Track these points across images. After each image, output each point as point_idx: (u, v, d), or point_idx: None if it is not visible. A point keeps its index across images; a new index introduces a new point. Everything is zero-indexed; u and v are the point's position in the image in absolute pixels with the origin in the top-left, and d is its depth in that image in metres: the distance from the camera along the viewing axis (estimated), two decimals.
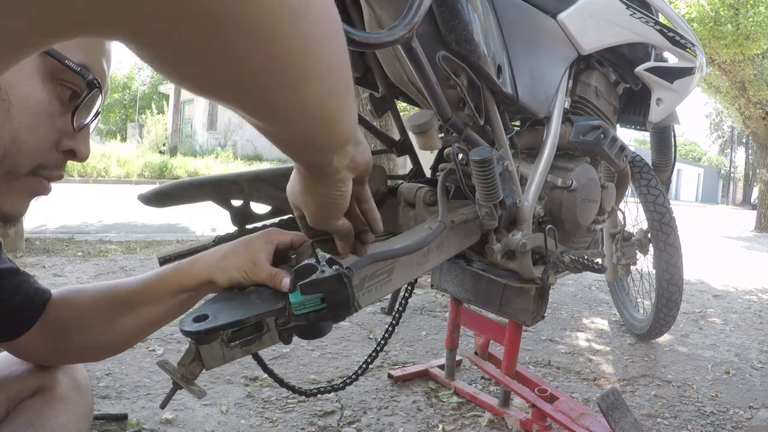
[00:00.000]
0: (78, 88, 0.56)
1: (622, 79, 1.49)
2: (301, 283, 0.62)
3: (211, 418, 1.45)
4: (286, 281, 0.64)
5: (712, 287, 3.76)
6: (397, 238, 0.92)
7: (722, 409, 1.72)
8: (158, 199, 1.01)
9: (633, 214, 2.33)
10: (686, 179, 36.82)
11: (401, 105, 1.55)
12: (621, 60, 1.44)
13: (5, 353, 0.75)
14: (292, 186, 0.57)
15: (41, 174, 0.57)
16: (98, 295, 0.73)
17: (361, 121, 1.44)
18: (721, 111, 12.58)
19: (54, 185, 0.61)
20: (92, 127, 0.61)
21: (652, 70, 1.44)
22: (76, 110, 0.56)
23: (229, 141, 18.01)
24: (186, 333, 0.59)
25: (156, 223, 5.65)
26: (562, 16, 1.26)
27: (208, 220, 5.47)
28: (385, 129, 2.67)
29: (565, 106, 1.34)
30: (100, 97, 0.59)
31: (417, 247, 0.86)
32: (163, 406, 0.69)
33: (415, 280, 1.41)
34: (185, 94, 18.04)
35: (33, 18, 0.24)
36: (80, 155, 0.59)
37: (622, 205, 1.81)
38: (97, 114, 0.60)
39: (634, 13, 1.37)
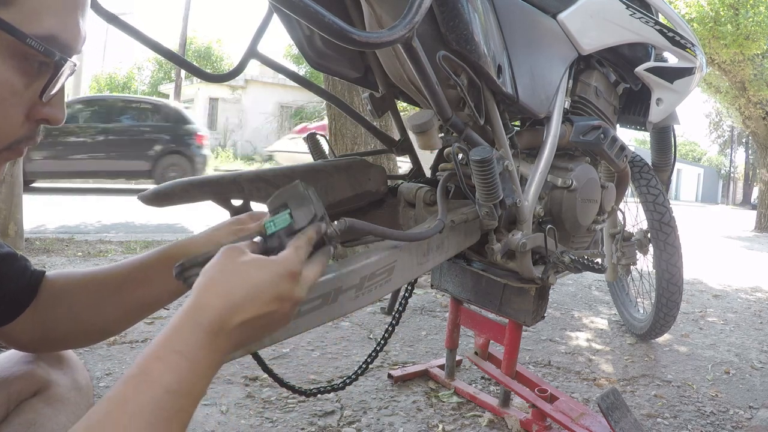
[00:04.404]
0: (46, 60, 0.51)
1: (622, 79, 1.49)
2: (268, 203, 0.64)
3: (211, 418, 1.45)
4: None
5: (711, 287, 3.76)
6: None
7: (722, 409, 1.72)
8: (158, 198, 1.01)
9: (633, 214, 2.33)
10: (686, 179, 36.82)
11: (401, 105, 1.55)
12: (621, 60, 1.44)
13: (6, 353, 0.75)
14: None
15: (14, 148, 0.54)
16: (87, 278, 0.73)
17: (361, 121, 1.44)
18: (721, 111, 12.58)
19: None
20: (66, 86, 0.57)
21: (652, 70, 1.44)
22: (45, 89, 0.52)
23: (228, 141, 18.01)
24: None
25: (155, 223, 5.65)
26: (562, 16, 1.26)
27: (207, 220, 5.46)
28: (385, 129, 2.67)
29: (565, 106, 1.34)
30: (74, 65, 0.54)
31: (414, 238, 0.87)
32: None
33: (415, 280, 1.41)
34: (185, 95, 18.04)
35: None
36: (54, 122, 0.56)
37: (621, 205, 1.81)
38: (72, 72, 0.56)
39: (634, 13, 1.37)
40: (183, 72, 14.96)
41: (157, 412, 0.45)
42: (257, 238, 0.61)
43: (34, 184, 7.54)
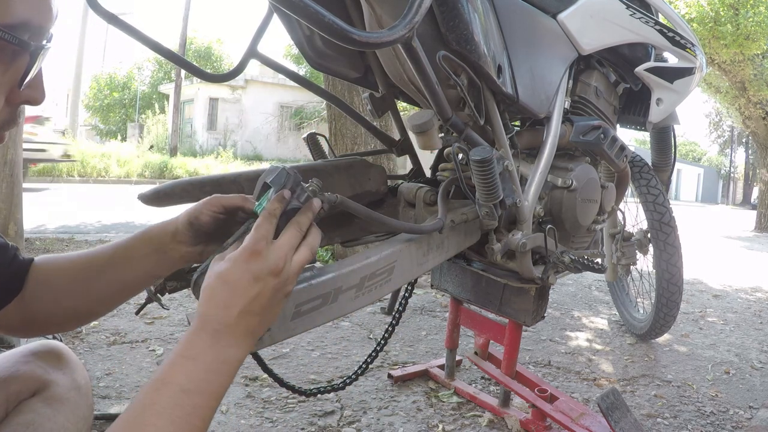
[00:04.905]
0: (20, 47, 0.51)
1: (622, 79, 1.49)
2: (254, 191, 0.67)
3: None
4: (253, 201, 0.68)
5: (711, 287, 3.76)
6: (396, 237, 0.92)
7: (722, 409, 1.72)
8: (158, 198, 1.01)
9: (633, 214, 2.33)
10: (686, 179, 36.81)
11: (401, 105, 1.55)
12: (621, 60, 1.44)
13: (5, 353, 0.75)
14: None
15: None
16: (72, 261, 0.74)
17: (361, 121, 1.44)
18: (721, 111, 12.58)
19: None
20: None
21: (652, 70, 1.44)
22: (24, 78, 0.53)
23: (228, 141, 18.01)
24: None
25: (155, 222, 5.65)
26: (562, 16, 1.26)
27: None
28: (385, 129, 2.67)
29: (565, 106, 1.34)
30: (47, 49, 0.54)
31: (410, 229, 0.87)
32: None
33: (415, 280, 1.41)
34: (185, 94, 18.04)
35: None
36: (34, 103, 0.57)
37: (621, 205, 1.81)
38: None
39: (634, 13, 1.37)
40: (183, 72, 14.96)
41: (177, 410, 0.50)
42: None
43: None
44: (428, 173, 1.36)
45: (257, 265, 0.57)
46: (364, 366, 1.43)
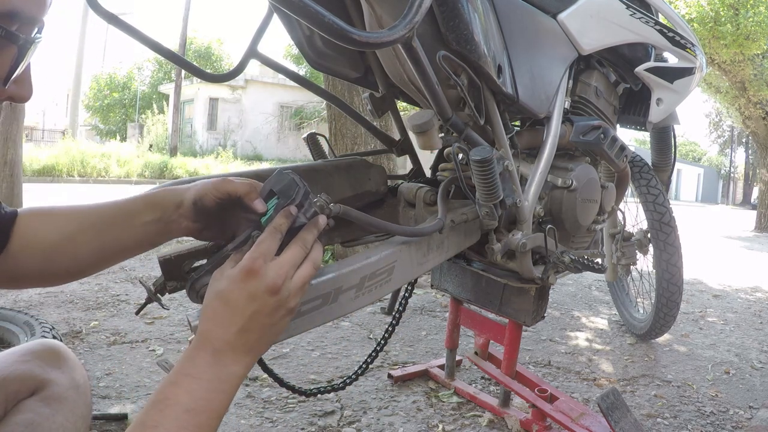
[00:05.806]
0: (7, 40, 0.49)
1: (622, 79, 1.49)
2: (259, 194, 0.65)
3: None
4: (258, 201, 0.65)
5: (711, 287, 3.76)
6: (396, 237, 0.92)
7: (722, 409, 1.72)
8: None
9: (633, 214, 2.33)
10: (686, 179, 36.82)
11: (401, 105, 1.55)
12: (621, 60, 1.44)
13: (3, 353, 0.75)
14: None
15: None
16: (66, 217, 0.70)
17: (361, 121, 1.44)
18: (721, 111, 12.59)
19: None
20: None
21: (652, 70, 1.44)
22: (10, 75, 0.51)
23: (228, 141, 18.02)
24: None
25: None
26: (562, 16, 1.26)
27: None
28: (385, 129, 2.67)
29: (565, 106, 1.34)
30: (38, 42, 0.52)
31: (410, 232, 0.87)
32: None
33: (415, 280, 1.41)
34: (185, 94, 18.04)
35: None
36: (20, 100, 0.55)
37: (621, 205, 1.81)
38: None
39: (634, 13, 1.37)
40: (183, 72, 14.97)
41: (180, 431, 0.51)
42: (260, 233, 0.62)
43: None
44: (428, 173, 1.36)
45: (253, 284, 0.56)
46: (364, 366, 1.43)
